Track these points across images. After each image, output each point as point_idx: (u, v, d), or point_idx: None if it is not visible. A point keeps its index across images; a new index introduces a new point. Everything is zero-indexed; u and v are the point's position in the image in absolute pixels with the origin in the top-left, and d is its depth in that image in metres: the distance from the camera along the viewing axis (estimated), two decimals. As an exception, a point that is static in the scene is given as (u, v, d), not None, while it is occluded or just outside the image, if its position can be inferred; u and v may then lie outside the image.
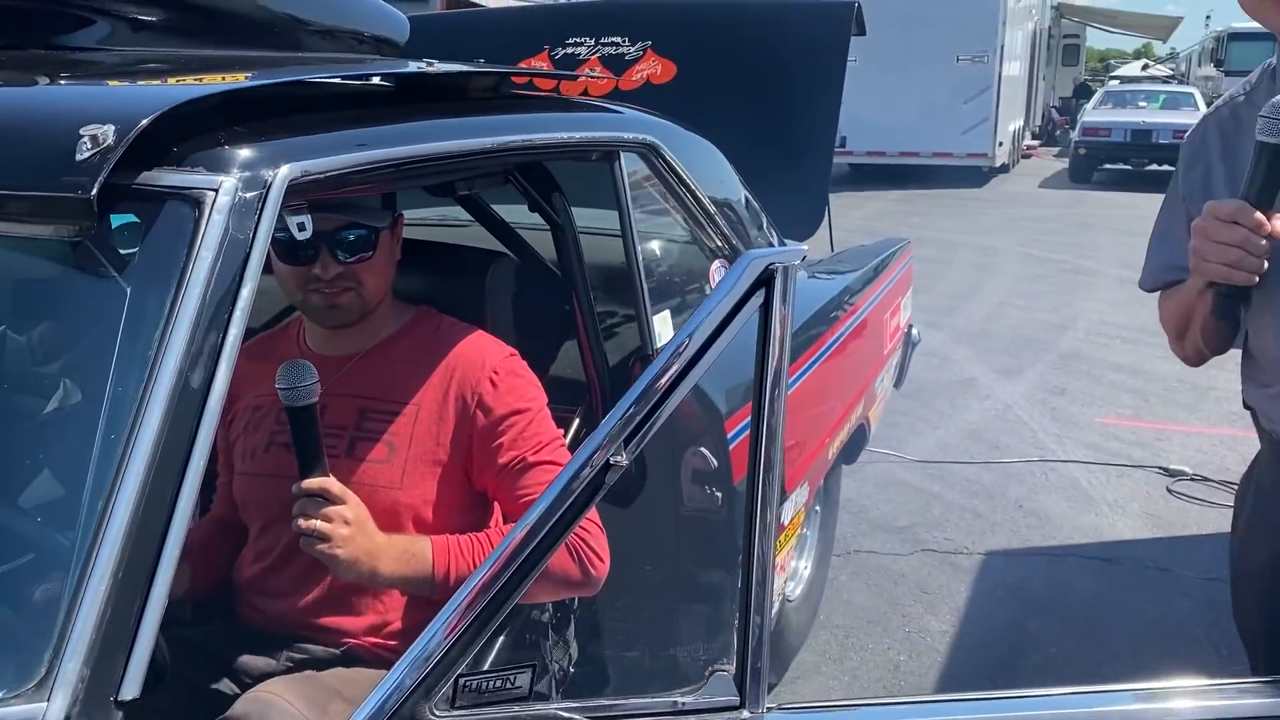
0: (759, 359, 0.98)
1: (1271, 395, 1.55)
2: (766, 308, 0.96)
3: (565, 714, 0.91)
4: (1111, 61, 51.62)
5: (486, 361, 1.68)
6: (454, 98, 1.81)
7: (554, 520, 0.92)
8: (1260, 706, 0.96)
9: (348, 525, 1.49)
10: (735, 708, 0.93)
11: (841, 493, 4.27)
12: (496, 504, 1.73)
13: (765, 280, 0.95)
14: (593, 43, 3.63)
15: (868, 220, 12.49)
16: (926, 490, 4.46)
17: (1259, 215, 1.37)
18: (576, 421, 2.02)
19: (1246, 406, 1.64)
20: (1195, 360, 1.65)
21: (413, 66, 1.68)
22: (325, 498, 1.48)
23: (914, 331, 4.04)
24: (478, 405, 1.65)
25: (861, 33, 3.57)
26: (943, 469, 4.69)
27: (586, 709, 0.91)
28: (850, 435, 3.09)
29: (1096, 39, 43.18)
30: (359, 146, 1.34)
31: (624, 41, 3.60)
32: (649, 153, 2.13)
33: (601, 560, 1.66)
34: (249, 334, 1.78)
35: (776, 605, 2.53)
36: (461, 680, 0.91)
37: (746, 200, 2.75)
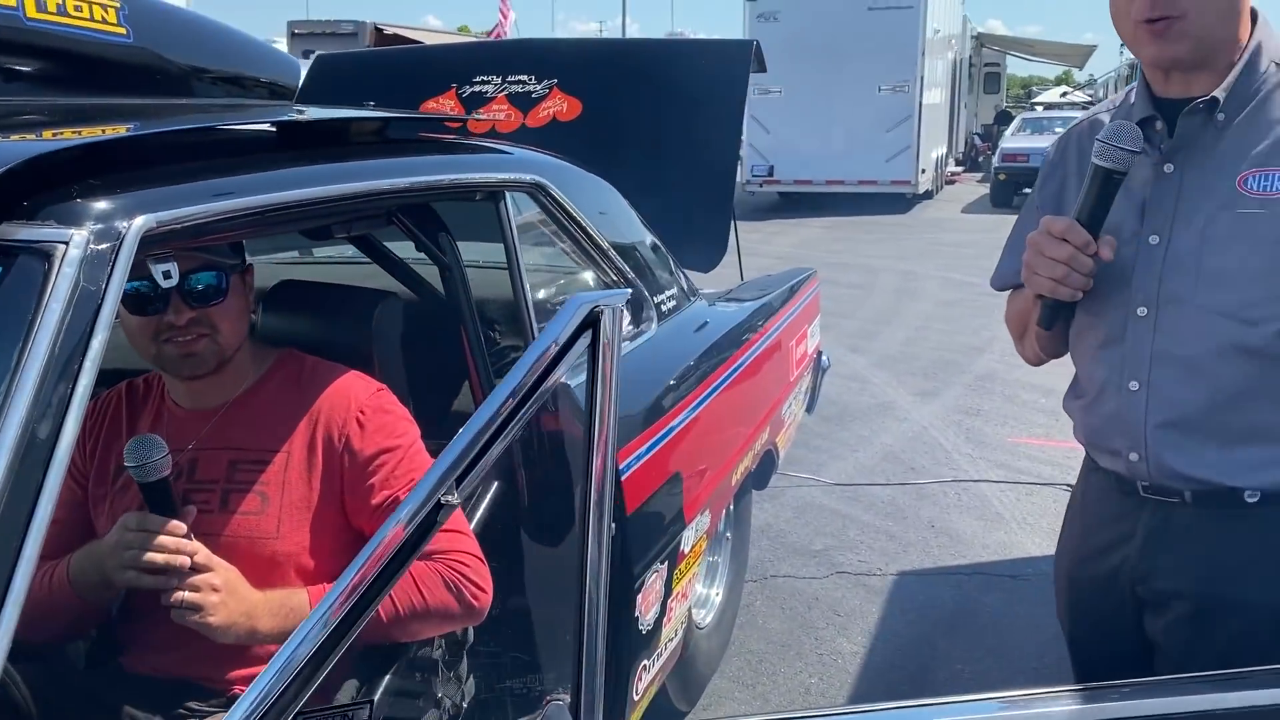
0: (588, 396, 1.02)
1: (1083, 405, 1.62)
2: (594, 348, 1.00)
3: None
4: (1034, 88, 53.03)
5: (352, 401, 1.69)
6: (337, 142, 1.84)
7: (388, 560, 0.95)
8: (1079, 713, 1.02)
9: (216, 592, 1.49)
10: (570, 734, 0.96)
11: (760, 518, 4.35)
12: None
13: (592, 322, 1.00)
14: (500, 81, 3.68)
15: (795, 247, 12.70)
16: (843, 513, 4.54)
17: (1085, 234, 1.44)
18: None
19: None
20: (1034, 361, 1.73)
21: (288, 114, 1.71)
22: (191, 569, 1.48)
23: (824, 357, 4.12)
24: (345, 447, 1.66)
25: (761, 69, 3.66)
26: (859, 491, 4.78)
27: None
28: (756, 461, 3.15)
29: (1019, 67, 44.39)
30: (220, 195, 1.37)
31: (530, 80, 3.65)
32: (537, 192, 2.17)
33: (483, 591, 1.68)
34: (112, 381, 1.78)
35: (679, 635, 2.56)
36: (301, 717, 0.93)
37: (645, 235, 2.81)
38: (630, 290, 1.87)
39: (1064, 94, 34.35)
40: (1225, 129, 1.46)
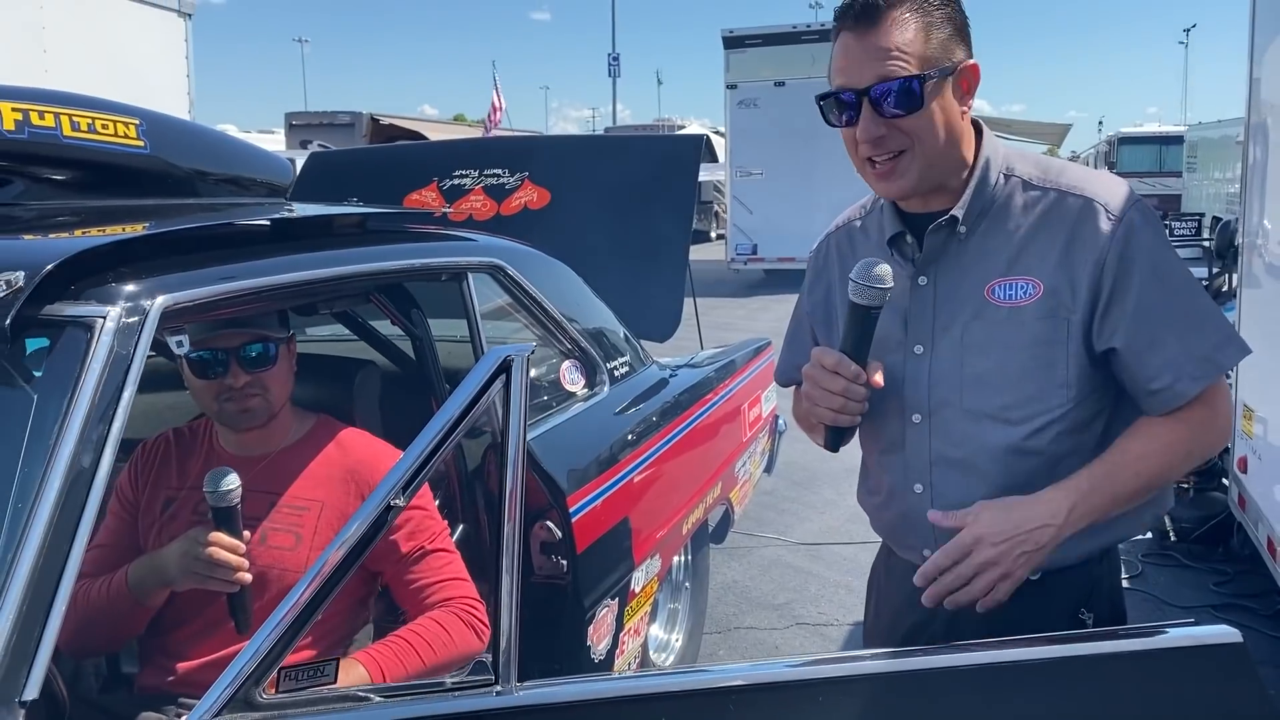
0: (502, 424, 1.33)
1: (876, 505, 1.73)
2: (506, 388, 1.32)
3: (359, 692, 1.22)
4: (1017, 165, 53.86)
5: (382, 464, 2.01)
6: (323, 234, 2.19)
7: (353, 548, 1.25)
8: (879, 665, 1.32)
9: None
10: (490, 684, 1.25)
11: (728, 576, 4.63)
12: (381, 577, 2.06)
13: (505, 368, 1.31)
14: (477, 174, 4.07)
15: (778, 322, 12.99)
16: (806, 570, 4.81)
17: (855, 367, 1.51)
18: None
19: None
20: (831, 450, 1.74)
21: (281, 212, 2.05)
22: None
23: (780, 421, 4.43)
24: None
25: (713, 159, 4.06)
26: (822, 550, 5.05)
27: (376, 688, 1.23)
28: (709, 514, 3.44)
29: (1006, 144, 45.44)
30: (224, 279, 1.70)
31: (504, 173, 4.04)
32: (495, 273, 2.51)
33: (487, 627, 1.97)
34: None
35: (633, 669, 2.83)
36: (283, 671, 1.23)
37: (599, 308, 3.15)
38: (534, 344, 2.16)
39: (1046, 171, 35.01)
40: (968, 241, 1.54)
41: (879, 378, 1.54)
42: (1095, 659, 1.33)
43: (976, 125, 1.58)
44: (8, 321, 1.37)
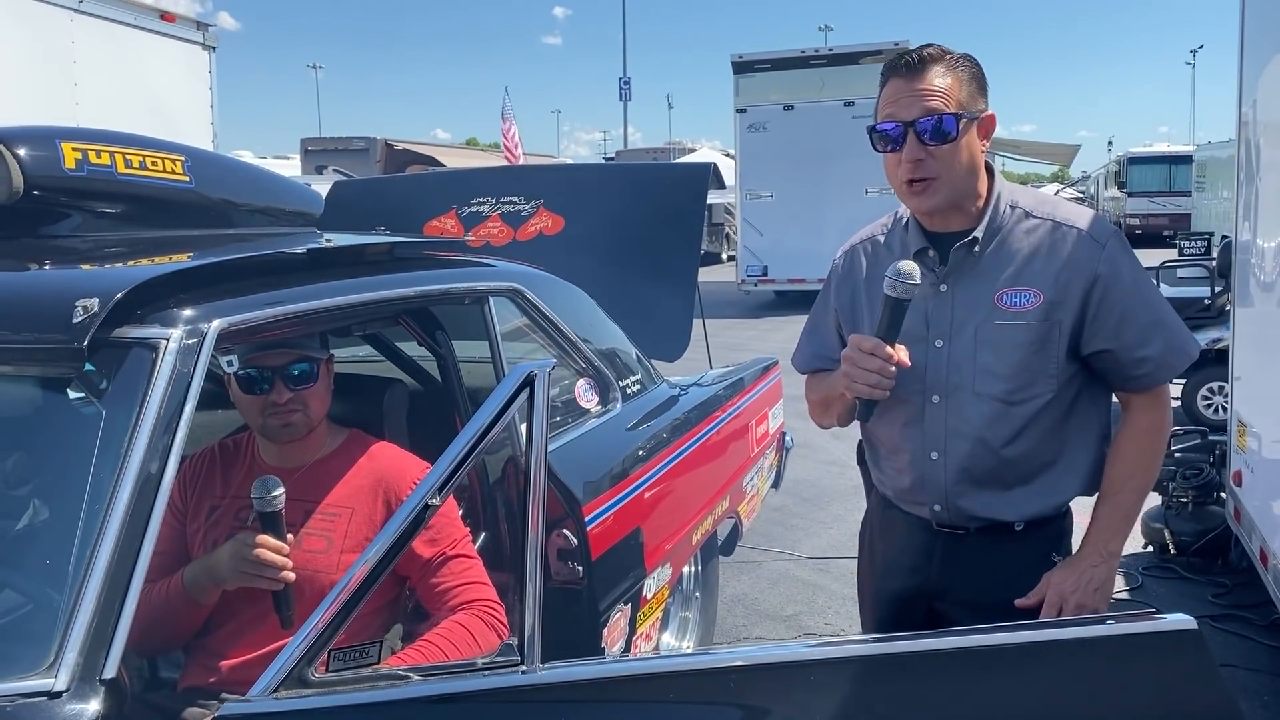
0: (526, 432, 1.48)
1: (893, 470, 2.02)
2: (530, 400, 1.47)
3: (400, 671, 1.37)
4: (1030, 184, 54.29)
5: (407, 474, 2.17)
6: (357, 261, 2.36)
7: (394, 542, 1.41)
8: (864, 648, 1.46)
9: None
10: (516, 664, 1.40)
11: (737, 589, 4.77)
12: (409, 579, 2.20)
13: (529, 381, 1.47)
14: (494, 202, 4.25)
15: (788, 343, 12.96)
16: (814, 583, 4.94)
17: (889, 349, 1.81)
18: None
19: (861, 463, 2.19)
20: (826, 427, 2.14)
21: (319, 241, 2.22)
22: None
23: (787, 438, 4.57)
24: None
25: (721, 187, 4.23)
26: (830, 564, 5.18)
27: (415, 668, 1.38)
28: (718, 526, 3.58)
29: (1016, 165, 45.70)
30: (271, 304, 1.87)
31: (520, 200, 4.22)
32: (515, 296, 2.68)
33: (506, 627, 2.13)
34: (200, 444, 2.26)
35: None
36: (332, 652, 1.38)
37: (612, 329, 3.31)
38: (554, 360, 2.30)
39: (1057, 191, 35.38)
40: (981, 256, 1.89)
41: (907, 359, 1.83)
42: (1062, 644, 1.47)
43: (988, 166, 1.93)
44: (85, 342, 1.53)
